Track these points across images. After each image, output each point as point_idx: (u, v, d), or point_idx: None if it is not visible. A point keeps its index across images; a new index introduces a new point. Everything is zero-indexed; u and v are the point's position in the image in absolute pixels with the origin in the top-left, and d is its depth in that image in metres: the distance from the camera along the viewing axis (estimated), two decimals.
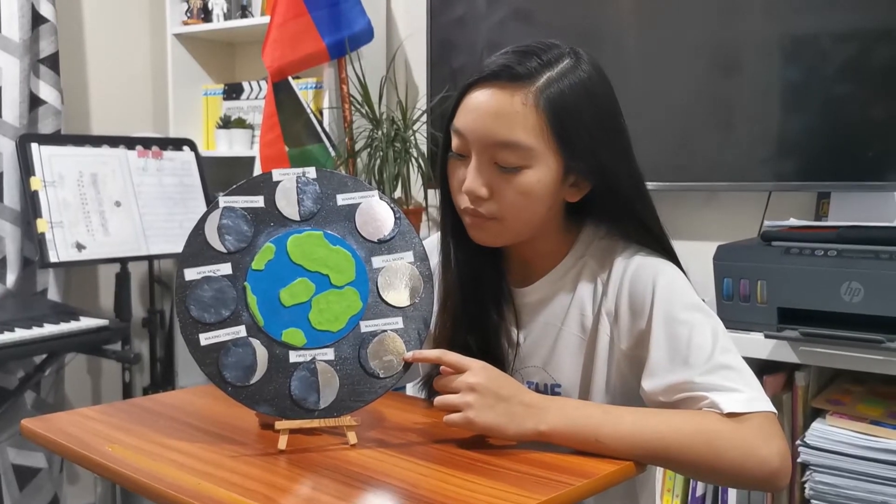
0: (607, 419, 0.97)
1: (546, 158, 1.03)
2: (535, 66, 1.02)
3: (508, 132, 1.01)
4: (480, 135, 1.03)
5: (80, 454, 0.98)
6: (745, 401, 0.97)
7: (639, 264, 1.08)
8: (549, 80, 1.02)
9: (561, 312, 1.13)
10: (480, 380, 0.97)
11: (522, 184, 1.03)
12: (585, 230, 1.15)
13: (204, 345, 0.98)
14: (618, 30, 2.13)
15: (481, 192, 1.04)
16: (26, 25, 2.50)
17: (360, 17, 2.44)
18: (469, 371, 0.98)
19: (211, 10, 2.88)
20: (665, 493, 1.84)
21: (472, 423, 0.96)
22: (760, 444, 0.95)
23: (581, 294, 1.12)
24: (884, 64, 1.78)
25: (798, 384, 1.70)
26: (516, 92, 1.01)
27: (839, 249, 1.57)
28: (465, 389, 0.97)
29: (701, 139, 2.04)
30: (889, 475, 1.50)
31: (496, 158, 1.03)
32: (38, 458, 2.58)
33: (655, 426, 0.97)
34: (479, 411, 0.96)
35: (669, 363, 1.02)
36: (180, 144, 2.73)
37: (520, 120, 1.01)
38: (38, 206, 2.31)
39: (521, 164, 1.02)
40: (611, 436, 0.96)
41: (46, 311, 2.34)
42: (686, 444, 0.95)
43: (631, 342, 1.08)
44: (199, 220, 1.02)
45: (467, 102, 1.05)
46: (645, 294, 1.06)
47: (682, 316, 1.03)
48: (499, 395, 0.97)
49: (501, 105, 1.01)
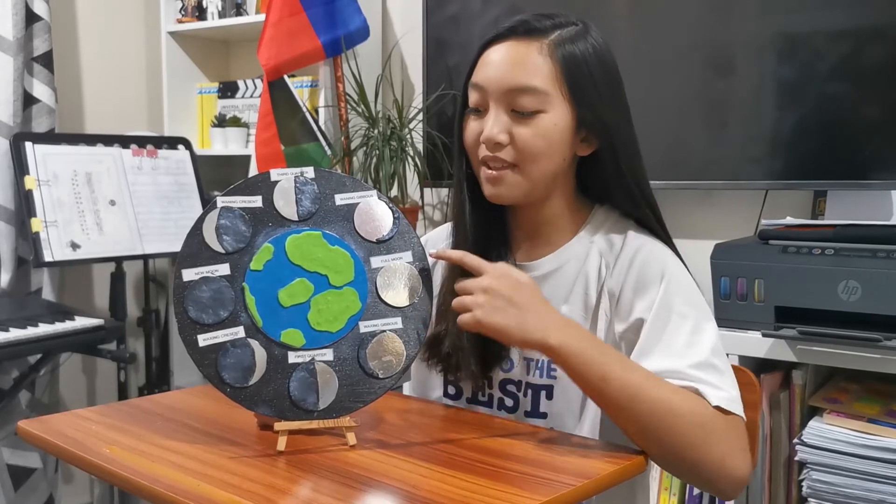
0: (621, 363, 0.98)
1: (560, 104, 1.07)
2: (548, 24, 1.09)
3: (525, 77, 1.06)
4: (499, 83, 1.07)
5: (77, 456, 0.97)
6: (728, 400, 0.99)
7: (650, 251, 1.10)
8: (561, 37, 1.08)
9: (565, 290, 1.14)
10: (494, 283, 0.98)
11: (540, 127, 1.07)
12: (598, 212, 1.17)
13: (202, 346, 0.98)
14: (612, 28, 2.13)
15: (501, 138, 1.07)
16: (20, 23, 2.48)
17: (355, 15, 2.44)
18: (486, 274, 1.00)
19: (205, 7, 2.87)
20: (662, 492, 1.84)
21: (479, 322, 0.97)
22: (739, 449, 0.98)
23: (587, 272, 1.13)
24: (879, 62, 1.79)
25: (795, 383, 1.70)
26: (532, 43, 1.07)
27: (836, 248, 1.58)
28: (478, 291, 0.98)
29: (697, 138, 2.04)
30: (886, 473, 1.50)
31: (514, 105, 1.07)
32: (33, 458, 2.57)
33: (663, 389, 0.97)
34: (487, 312, 0.97)
35: (663, 351, 1.03)
36: (175, 143, 2.72)
37: (536, 66, 1.06)
38: (32, 205, 2.30)
39: (537, 109, 1.07)
40: (619, 380, 0.96)
41: (41, 310, 2.33)
42: (682, 419, 0.95)
43: (628, 326, 1.08)
44: (197, 221, 1.01)
45: (485, 58, 1.10)
46: (652, 281, 1.07)
47: (684, 310, 1.05)
48: (511, 300, 0.97)
49: (519, 53, 1.07)
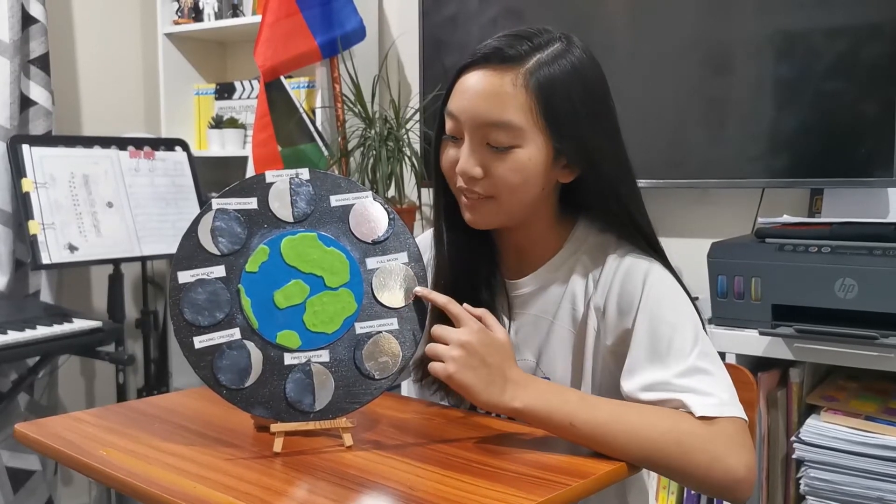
0: (584, 405, 0.98)
1: (536, 138, 1.04)
2: (525, 48, 1.04)
3: (499, 112, 1.03)
4: (472, 115, 1.04)
5: (74, 459, 0.97)
6: (716, 405, 0.98)
7: (631, 263, 1.09)
8: (538, 63, 1.03)
9: (553, 306, 1.14)
10: (472, 339, 0.97)
11: (514, 162, 1.04)
12: (580, 226, 1.16)
13: (198, 348, 0.98)
14: (609, 28, 2.13)
15: (475, 171, 1.06)
16: (16, 26, 2.48)
17: (352, 15, 2.44)
18: (465, 328, 0.99)
19: (202, 9, 2.87)
20: (661, 491, 1.85)
21: (450, 377, 0.96)
22: (728, 452, 0.96)
23: (573, 288, 1.13)
24: (875, 60, 1.79)
25: (792, 381, 1.70)
26: (506, 73, 1.03)
27: (833, 246, 1.58)
28: (454, 344, 0.97)
29: (693, 137, 2.04)
30: (884, 471, 1.50)
31: (488, 139, 1.04)
32: (31, 460, 2.57)
33: (630, 418, 0.97)
34: (459, 368, 0.96)
35: (648, 362, 1.03)
36: (172, 145, 2.72)
37: (510, 100, 1.03)
38: (29, 207, 2.30)
39: (511, 144, 1.04)
40: (586, 422, 0.96)
41: (39, 312, 2.33)
42: (658, 442, 0.96)
43: (615, 339, 1.09)
44: (193, 223, 1.01)
45: (459, 85, 1.07)
46: (634, 293, 1.07)
47: (667, 317, 1.04)
48: (484, 360, 0.97)
49: (492, 86, 1.03)
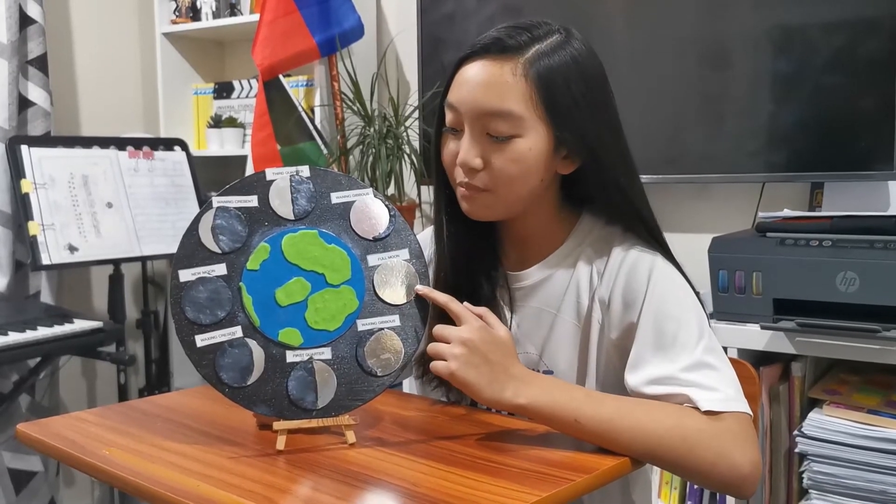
0: (589, 402, 0.97)
1: (536, 128, 1.04)
2: (524, 39, 1.04)
3: (499, 101, 1.02)
4: (472, 106, 1.04)
5: (77, 458, 0.97)
6: (721, 400, 0.98)
7: (636, 256, 1.09)
8: (537, 53, 1.03)
9: (556, 299, 1.13)
10: (473, 337, 0.97)
11: (514, 152, 1.04)
12: (585, 219, 1.16)
13: (200, 346, 0.98)
14: (607, 23, 2.13)
15: (475, 163, 1.05)
16: (14, 27, 2.48)
17: (350, 13, 2.43)
18: (466, 325, 0.98)
19: (199, 8, 2.86)
20: (663, 486, 1.85)
21: (452, 375, 0.96)
22: (733, 448, 0.96)
23: (578, 280, 1.12)
24: (874, 54, 1.79)
25: (795, 375, 1.70)
26: (506, 63, 1.03)
27: (834, 239, 1.58)
28: (456, 341, 0.97)
29: (693, 132, 2.04)
30: (886, 464, 1.50)
31: (488, 129, 1.04)
32: (34, 461, 2.57)
33: (635, 414, 0.97)
34: (461, 366, 0.96)
35: (653, 357, 1.02)
36: (171, 144, 2.71)
37: (510, 89, 1.02)
38: (29, 208, 2.29)
39: (512, 133, 1.03)
40: (591, 418, 0.96)
41: (40, 313, 2.33)
42: (663, 437, 0.95)
43: (620, 333, 1.08)
44: (193, 221, 1.01)
45: (459, 76, 1.07)
46: (639, 287, 1.06)
47: (672, 312, 1.04)
48: (486, 357, 0.97)
49: (492, 75, 1.03)
